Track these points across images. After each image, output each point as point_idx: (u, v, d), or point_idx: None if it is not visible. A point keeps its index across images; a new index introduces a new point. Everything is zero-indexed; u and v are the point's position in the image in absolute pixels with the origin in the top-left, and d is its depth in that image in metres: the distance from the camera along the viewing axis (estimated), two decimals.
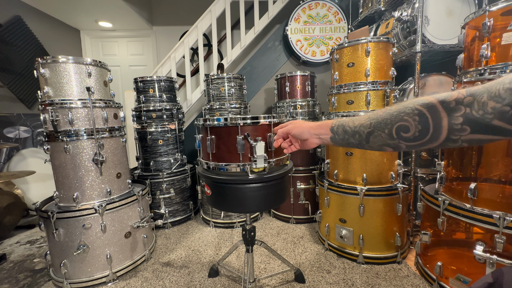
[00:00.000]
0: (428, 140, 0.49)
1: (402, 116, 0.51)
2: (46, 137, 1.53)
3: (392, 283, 1.44)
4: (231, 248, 1.55)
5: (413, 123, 0.50)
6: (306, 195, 2.23)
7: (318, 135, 0.73)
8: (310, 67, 3.13)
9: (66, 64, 1.49)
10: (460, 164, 1.35)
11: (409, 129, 0.51)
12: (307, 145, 0.79)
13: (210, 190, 1.17)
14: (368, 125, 0.58)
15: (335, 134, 0.67)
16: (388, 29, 2.06)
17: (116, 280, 1.57)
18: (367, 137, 0.59)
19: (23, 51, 2.80)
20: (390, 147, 0.56)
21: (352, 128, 0.62)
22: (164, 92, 2.34)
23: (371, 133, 0.58)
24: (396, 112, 0.53)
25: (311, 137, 0.75)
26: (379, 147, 0.58)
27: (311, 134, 0.75)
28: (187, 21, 3.51)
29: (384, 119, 0.55)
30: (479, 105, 0.42)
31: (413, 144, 0.52)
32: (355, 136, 0.62)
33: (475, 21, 1.26)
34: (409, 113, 0.50)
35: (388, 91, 1.60)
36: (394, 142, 0.54)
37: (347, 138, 0.64)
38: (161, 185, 2.26)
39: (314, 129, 0.74)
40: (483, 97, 0.42)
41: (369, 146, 0.60)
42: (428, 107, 0.48)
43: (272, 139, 1.12)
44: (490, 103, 0.41)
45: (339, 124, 0.66)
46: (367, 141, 0.59)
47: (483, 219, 1.14)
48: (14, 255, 1.92)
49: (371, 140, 0.58)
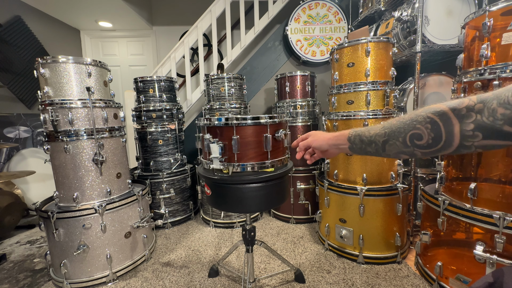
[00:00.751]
0: (442, 147, 0.50)
1: (414, 125, 0.53)
2: (46, 137, 1.53)
3: (392, 283, 1.44)
4: (231, 248, 1.55)
5: (426, 131, 0.51)
6: (306, 195, 2.23)
7: (337, 145, 0.75)
8: (310, 67, 3.13)
9: (66, 64, 1.49)
10: (460, 164, 1.35)
11: (422, 137, 0.52)
12: (328, 155, 0.84)
13: (210, 190, 1.17)
14: (383, 134, 0.59)
15: (353, 144, 0.69)
16: (388, 29, 2.06)
17: (116, 280, 1.57)
18: (383, 145, 0.60)
19: (23, 51, 2.80)
20: (406, 155, 0.58)
21: (368, 137, 0.64)
22: (164, 92, 2.34)
23: (386, 141, 0.59)
24: (409, 121, 0.54)
25: (331, 148, 0.78)
26: (396, 155, 0.60)
27: (330, 145, 0.78)
28: (187, 21, 3.51)
29: (397, 128, 0.56)
30: (489, 112, 0.43)
31: (428, 151, 0.53)
32: (372, 145, 0.63)
33: (475, 21, 1.26)
34: (421, 121, 0.51)
35: (388, 91, 1.60)
36: (409, 149, 0.55)
37: (364, 147, 0.66)
38: (161, 185, 2.26)
39: (332, 140, 0.77)
40: (493, 103, 0.43)
41: (386, 154, 0.61)
42: (440, 114, 0.49)
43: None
44: (500, 109, 0.42)
45: (356, 134, 0.68)
46: (383, 149, 0.61)
47: (483, 219, 1.14)
48: (14, 255, 1.92)
49: (387, 148, 0.59)
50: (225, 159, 1.11)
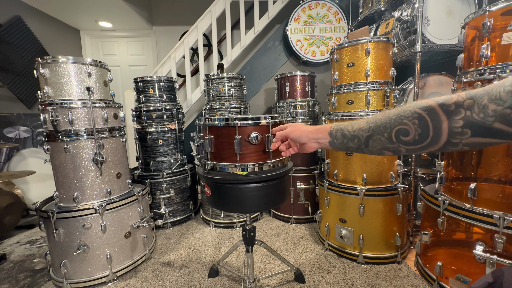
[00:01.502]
0: (428, 144, 0.49)
1: (401, 120, 0.51)
2: (46, 137, 1.53)
3: (392, 283, 1.44)
4: (231, 248, 1.55)
5: (413, 127, 0.50)
6: (306, 195, 2.23)
7: (317, 139, 0.72)
8: (310, 67, 3.13)
9: (66, 64, 1.49)
10: (460, 164, 1.35)
11: (409, 133, 0.50)
12: (305, 149, 0.78)
13: (210, 190, 1.17)
14: (367, 129, 0.58)
15: (334, 138, 0.67)
16: (388, 29, 2.06)
17: (116, 280, 1.57)
18: (366, 141, 0.58)
19: (23, 51, 2.80)
20: (390, 151, 0.56)
21: (351, 132, 0.62)
22: (164, 92, 2.34)
23: (370, 137, 0.57)
24: (396, 116, 0.52)
25: (310, 141, 0.75)
26: (379, 151, 0.58)
27: (310, 138, 0.74)
28: (187, 21, 3.51)
29: (383, 123, 0.55)
30: (479, 108, 0.42)
31: (413, 148, 0.51)
32: (354, 140, 0.61)
33: (475, 21, 1.26)
34: (409, 117, 0.50)
35: (388, 91, 1.60)
36: (394, 146, 0.54)
37: (346, 142, 0.63)
38: (161, 185, 2.26)
39: (312, 133, 0.73)
40: (484, 99, 0.42)
41: (368, 150, 0.59)
42: (428, 110, 0.48)
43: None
44: (491, 105, 0.41)
45: (338, 128, 0.66)
46: (366, 145, 0.59)
47: (483, 219, 1.14)
48: (14, 255, 1.92)
49: (370, 144, 0.58)
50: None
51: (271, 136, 1.11)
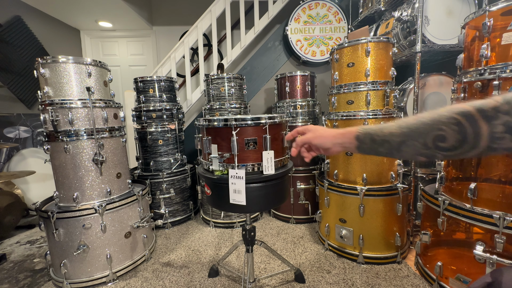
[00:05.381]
0: (467, 150, 0.48)
1: (438, 125, 0.50)
2: (46, 137, 1.53)
3: (392, 283, 1.44)
4: (231, 248, 1.55)
5: (451, 133, 0.48)
6: (306, 195, 2.23)
7: (342, 144, 0.69)
8: (310, 67, 3.13)
9: (66, 64, 1.49)
10: (460, 164, 1.35)
11: (447, 139, 0.49)
12: (329, 153, 0.76)
13: (210, 190, 1.17)
14: (399, 134, 0.56)
15: (362, 143, 0.64)
16: (388, 29, 2.06)
17: (116, 280, 1.58)
18: (399, 146, 0.56)
19: (23, 51, 2.80)
20: (424, 156, 0.54)
21: (381, 137, 0.59)
22: (164, 92, 2.34)
23: (403, 142, 0.55)
24: (431, 121, 0.51)
25: (334, 146, 0.72)
26: (412, 156, 0.56)
27: (334, 144, 0.71)
28: (187, 21, 3.51)
29: (417, 128, 0.53)
30: None
31: (451, 154, 0.50)
32: (384, 145, 0.59)
33: (475, 21, 1.26)
34: (446, 122, 0.48)
35: (388, 91, 1.60)
36: (429, 151, 0.52)
37: (376, 148, 0.61)
38: (161, 185, 2.26)
39: (337, 138, 0.71)
40: None
41: (400, 155, 0.58)
42: (466, 115, 0.46)
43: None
44: None
45: (366, 133, 0.63)
46: (398, 150, 0.57)
47: (483, 219, 1.14)
48: (14, 255, 1.92)
49: (403, 149, 0.56)
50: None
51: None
